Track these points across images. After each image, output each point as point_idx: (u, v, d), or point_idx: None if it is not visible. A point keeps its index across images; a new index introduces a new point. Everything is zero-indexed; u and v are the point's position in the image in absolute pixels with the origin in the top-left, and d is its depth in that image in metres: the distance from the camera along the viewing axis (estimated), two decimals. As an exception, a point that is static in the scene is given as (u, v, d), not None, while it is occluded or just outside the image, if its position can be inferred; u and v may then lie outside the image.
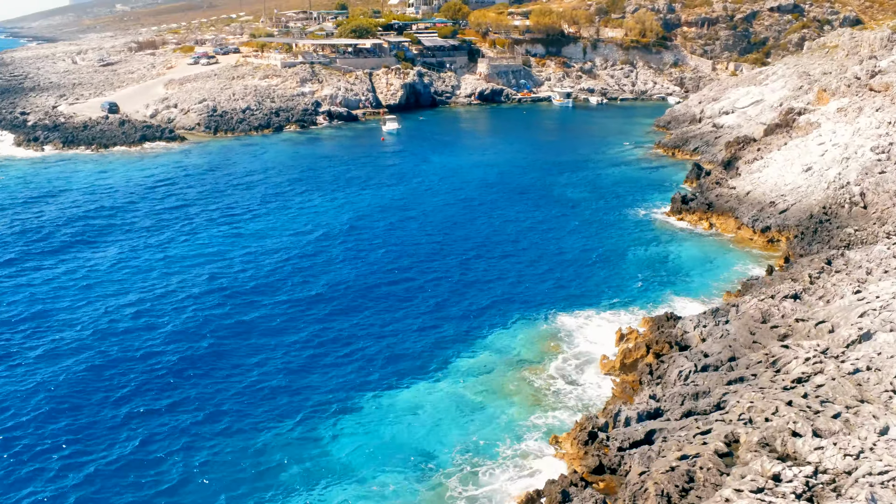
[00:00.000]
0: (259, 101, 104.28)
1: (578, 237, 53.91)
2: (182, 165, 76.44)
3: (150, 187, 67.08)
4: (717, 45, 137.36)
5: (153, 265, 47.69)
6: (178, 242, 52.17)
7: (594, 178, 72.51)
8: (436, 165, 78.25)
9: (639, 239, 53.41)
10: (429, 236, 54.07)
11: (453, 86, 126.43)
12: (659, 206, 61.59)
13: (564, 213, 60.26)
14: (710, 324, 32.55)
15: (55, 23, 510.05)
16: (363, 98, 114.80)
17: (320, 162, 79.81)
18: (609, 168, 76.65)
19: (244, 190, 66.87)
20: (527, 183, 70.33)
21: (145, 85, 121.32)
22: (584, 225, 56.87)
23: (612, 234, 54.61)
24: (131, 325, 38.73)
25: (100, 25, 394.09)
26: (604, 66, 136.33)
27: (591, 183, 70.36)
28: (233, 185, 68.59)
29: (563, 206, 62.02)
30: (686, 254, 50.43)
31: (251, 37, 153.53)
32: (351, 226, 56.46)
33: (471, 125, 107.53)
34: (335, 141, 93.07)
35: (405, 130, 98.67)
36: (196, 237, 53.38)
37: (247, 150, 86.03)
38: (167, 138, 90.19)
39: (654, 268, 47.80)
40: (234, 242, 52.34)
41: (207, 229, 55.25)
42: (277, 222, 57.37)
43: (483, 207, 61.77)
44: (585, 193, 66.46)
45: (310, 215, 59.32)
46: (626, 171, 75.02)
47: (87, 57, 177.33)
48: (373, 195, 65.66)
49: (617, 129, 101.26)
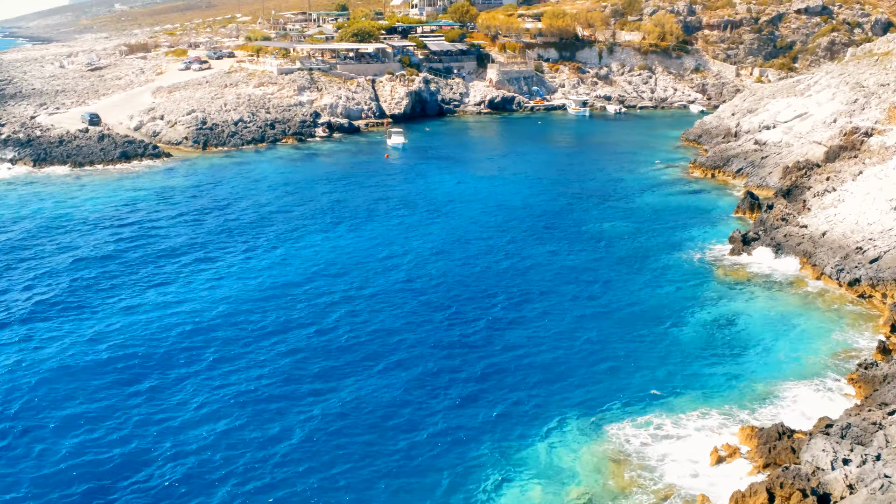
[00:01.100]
0: (253, 112, 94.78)
1: (622, 290, 44.53)
2: (161, 190, 66.91)
3: (119, 221, 57.42)
4: (740, 49, 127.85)
5: (102, 329, 38.34)
6: (141, 297, 42.83)
7: (628, 206, 63.11)
8: (446, 189, 68.80)
9: (698, 293, 44.05)
10: (441, 290, 44.63)
11: (461, 93, 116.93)
12: (711, 244, 52.21)
13: (600, 255, 50.83)
14: (853, 458, 23.28)
15: (53, 22, 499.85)
16: (366, 107, 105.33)
17: (317, 185, 70.35)
18: (642, 193, 67.27)
19: (227, 223, 57.28)
20: (551, 213, 60.91)
21: (132, 93, 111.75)
22: (627, 272, 47.48)
23: (662, 285, 45.26)
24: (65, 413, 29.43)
25: (97, 25, 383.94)
26: (620, 72, 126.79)
27: (626, 213, 60.98)
28: (215, 216, 59.00)
29: (598, 245, 52.60)
30: (761, 313, 41.09)
31: (247, 40, 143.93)
32: (346, 274, 47.06)
33: (482, 138, 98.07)
34: (335, 158, 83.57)
35: (411, 144, 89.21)
36: (165, 292, 43.95)
37: (236, 169, 76.54)
38: (150, 155, 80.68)
39: (726, 335, 38.46)
40: (208, 301, 42.95)
41: (176, 281, 45.83)
42: (260, 267, 47.86)
43: (503, 247, 52.27)
44: (621, 226, 57.09)
45: (298, 259, 49.74)
46: (662, 198, 65.65)
47: (77, 60, 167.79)
48: (374, 231, 56.11)
49: (642, 142, 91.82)
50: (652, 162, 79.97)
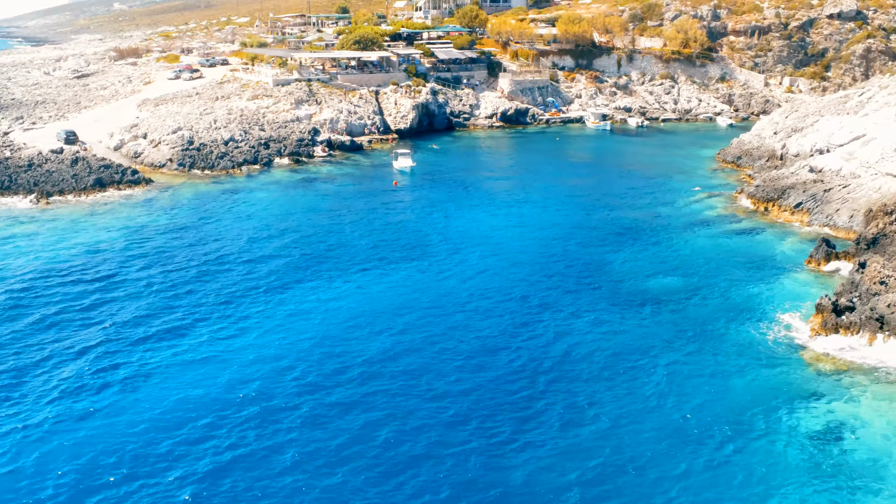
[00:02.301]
0: (245, 130, 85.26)
1: (688, 384, 35.07)
2: (134, 231, 57.42)
3: (74, 277, 48.00)
4: (769, 56, 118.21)
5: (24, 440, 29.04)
6: (83, 380, 33.50)
7: (671, 251, 53.61)
8: (459, 227, 59.32)
9: (782, 388, 34.52)
10: (459, 400, 35.30)
11: (471, 105, 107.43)
12: (787, 311, 42.73)
13: (649, 326, 41.23)
14: None
15: (51, 21, 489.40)
16: (369, 122, 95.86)
17: (314, 219, 60.98)
18: (685, 232, 57.82)
19: (206, 282, 47.84)
20: (583, 261, 51.40)
21: (116, 105, 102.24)
22: (687, 355, 37.95)
23: (735, 374, 35.73)
24: None
25: (93, 26, 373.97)
26: (641, 81, 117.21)
27: (670, 261, 51.51)
28: (192, 270, 49.50)
29: (643, 311, 43.02)
30: (875, 424, 31.76)
31: (242, 46, 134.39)
32: (332, 354, 37.75)
33: (496, 159, 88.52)
34: (336, 184, 74.11)
35: (419, 167, 79.67)
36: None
37: (224, 199, 67.13)
38: (128, 182, 71.16)
39: (834, 456, 29.17)
40: (163, 388, 33.63)
41: (129, 355, 36.51)
42: (234, 346, 38.50)
43: (533, 315, 42.84)
44: (667, 281, 47.58)
45: (282, 329, 40.41)
46: (711, 239, 56.18)
47: (64, 65, 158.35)
48: (377, 289, 46.65)
49: (674, 164, 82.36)
50: (690, 190, 70.54)
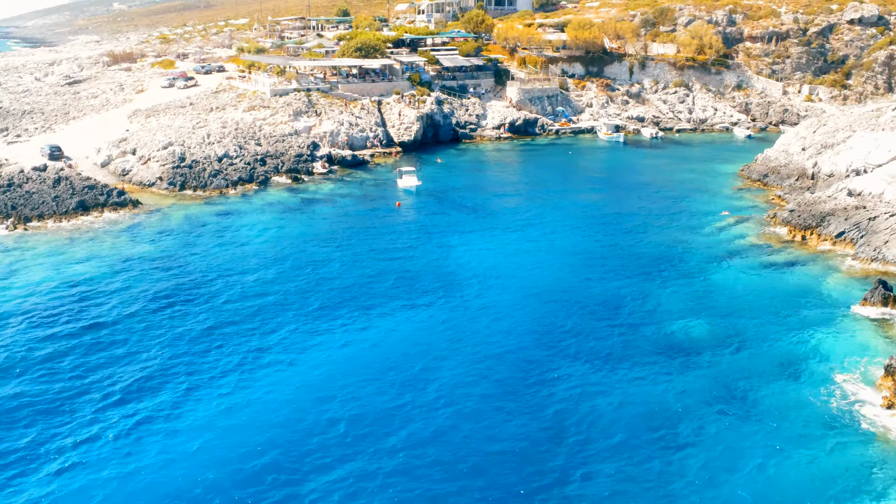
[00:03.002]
0: (240, 145, 79.97)
1: (734, 472, 29.93)
2: (117, 264, 52.20)
3: (44, 322, 42.84)
4: (787, 63, 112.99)
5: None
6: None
7: (701, 288, 48.17)
8: (467, 258, 53.97)
9: (852, 474, 29.49)
10: (460, 455, 30.17)
11: (478, 115, 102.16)
12: (843, 369, 37.49)
13: (680, 384, 35.98)
14: None
15: (50, 21, 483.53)
16: (371, 134, 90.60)
17: (312, 249, 55.71)
18: (717, 265, 52.45)
19: (188, 327, 42.64)
20: (601, 300, 46.10)
21: (106, 116, 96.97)
22: (728, 428, 32.56)
23: (793, 455, 30.55)
24: None
25: (92, 26, 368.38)
26: (654, 89, 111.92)
27: (700, 301, 45.97)
28: (177, 313, 44.31)
29: (672, 365, 37.80)
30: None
31: (239, 51, 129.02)
32: (303, 436, 32.57)
33: (504, 175, 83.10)
34: (337, 205, 68.84)
35: (425, 185, 74.35)
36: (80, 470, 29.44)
37: (217, 224, 61.91)
38: (114, 204, 65.90)
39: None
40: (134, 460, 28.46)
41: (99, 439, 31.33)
42: (208, 413, 33.37)
43: (542, 364, 37.66)
44: (700, 328, 42.11)
45: (250, 406, 35.27)
46: (745, 274, 50.81)
47: (57, 70, 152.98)
48: (377, 337, 41.48)
49: (695, 181, 77.15)
50: (717, 213, 65.29)
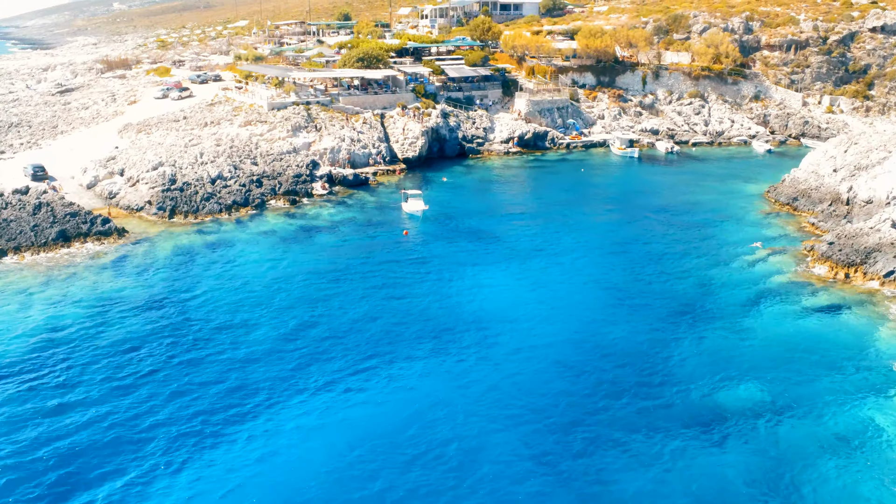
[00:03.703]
0: (235, 165, 74.86)
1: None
2: (97, 304, 47.20)
3: (11, 381, 37.85)
4: (806, 73, 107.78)
5: None
6: None
7: (739, 342, 42.96)
8: (476, 299, 48.85)
9: None
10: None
11: (486, 128, 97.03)
12: (921, 448, 32.71)
13: (729, 474, 31.05)
14: None
15: (50, 21, 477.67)
16: (374, 151, 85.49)
17: (309, 289, 50.60)
18: (752, 312, 47.11)
19: (173, 389, 37.65)
20: (627, 356, 41.13)
21: (96, 130, 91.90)
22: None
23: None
24: None
25: (91, 27, 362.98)
26: (668, 100, 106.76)
27: (741, 361, 40.58)
28: (156, 363, 39.37)
29: (712, 436, 32.94)
30: None
31: (236, 59, 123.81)
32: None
33: (514, 196, 77.69)
34: (337, 233, 63.72)
35: (431, 209, 69.18)
36: None
37: (208, 257, 56.83)
38: (98, 233, 60.81)
39: None
40: None
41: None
42: None
43: (564, 452, 32.64)
44: (740, 394, 37.13)
45: (240, 482, 30.28)
46: (786, 324, 45.51)
47: (51, 76, 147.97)
48: (376, 401, 36.53)
49: (718, 204, 72.06)
50: (747, 244, 60.21)
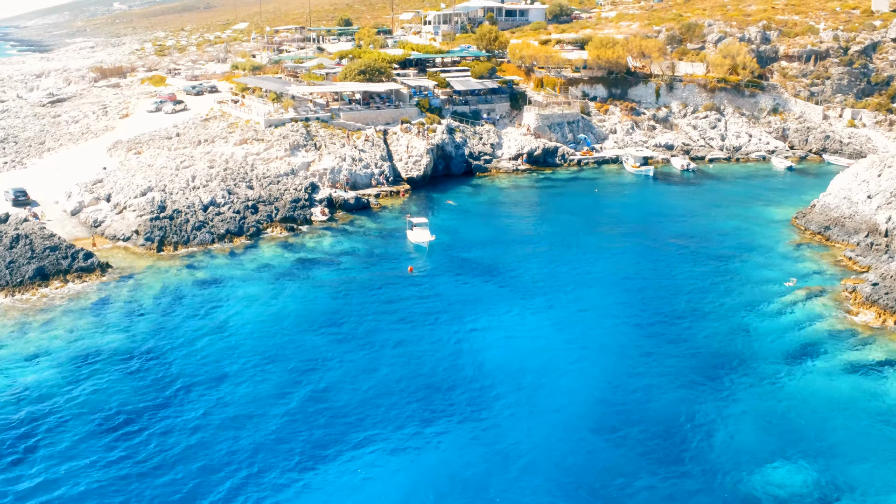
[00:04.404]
0: (230, 189, 70.03)
1: None
2: (73, 358, 42.40)
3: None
4: (826, 85, 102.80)
5: None
6: None
7: (781, 407, 38.28)
8: (489, 353, 44.32)
9: None
10: None
11: (493, 144, 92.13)
12: None
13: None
14: None
15: (50, 21, 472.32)
16: (376, 171, 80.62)
17: (304, 339, 45.84)
18: (793, 369, 42.41)
19: (145, 460, 32.99)
20: (655, 426, 36.44)
21: (84, 147, 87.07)
22: None
23: None
24: None
25: (90, 28, 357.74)
26: (682, 113, 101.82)
27: (784, 431, 36.13)
28: (130, 438, 34.59)
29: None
30: None
31: (233, 68, 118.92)
32: None
33: (524, 222, 72.45)
34: (337, 268, 58.84)
35: (438, 239, 64.32)
36: None
37: (196, 299, 51.98)
38: (79, 270, 55.99)
39: None
40: None
41: None
42: None
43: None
44: (787, 479, 32.58)
45: None
46: (833, 385, 40.74)
47: (43, 84, 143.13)
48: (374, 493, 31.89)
49: (741, 231, 67.15)
50: (779, 282, 55.41)
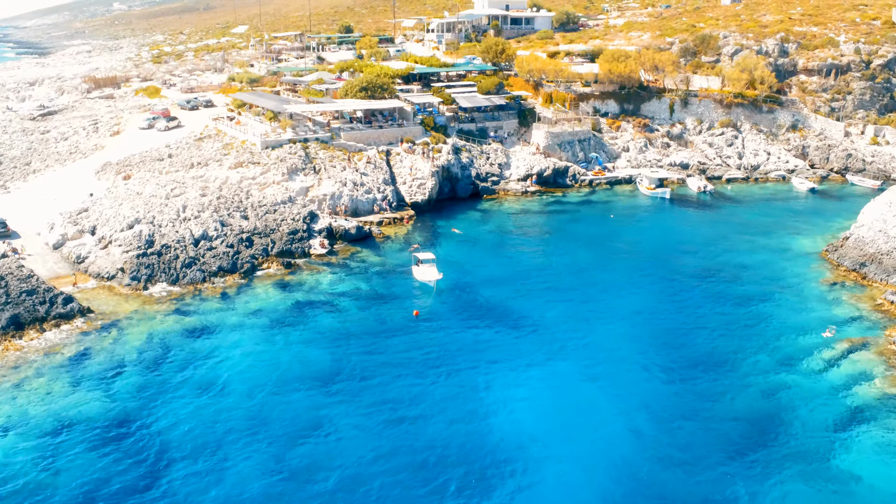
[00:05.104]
0: (223, 220, 65.42)
1: None
2: (46, 432, 37.87)
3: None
4: (847, 100, 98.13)
5: None
6: None
7: (843, 500, 34.19)
8: (501, 418, 39.86)
9: None
10: None
11: (501, 164, 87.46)
12: None
13: None
14: None
15: (49, 22, 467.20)
16: (379, 196, 75.95)
17: (300, 400, 41.29)
18: (845, 444, 38.00)
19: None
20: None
21: (72, 168, 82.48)
22: None
23: None
24: None
25: (89, 29, 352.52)
26: (698, 130, 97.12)
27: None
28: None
29: None
30: None
31: (230, 81, 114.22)
32: None
33: (535, 255, 67.33)
34: (338, 312, 54.09)
35: (445, 272, 59.78)
36: None
37: (183, 349, 47.35)
38: (58, 317, 51.33)
39: None
40: None
41: None
42: None
43: None
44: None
45: None
46: (890, 466, 36.71)
47: (36, 93, 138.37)
48: None
49: (769, 269, 62.43)
50: (816, 331, 50.74)
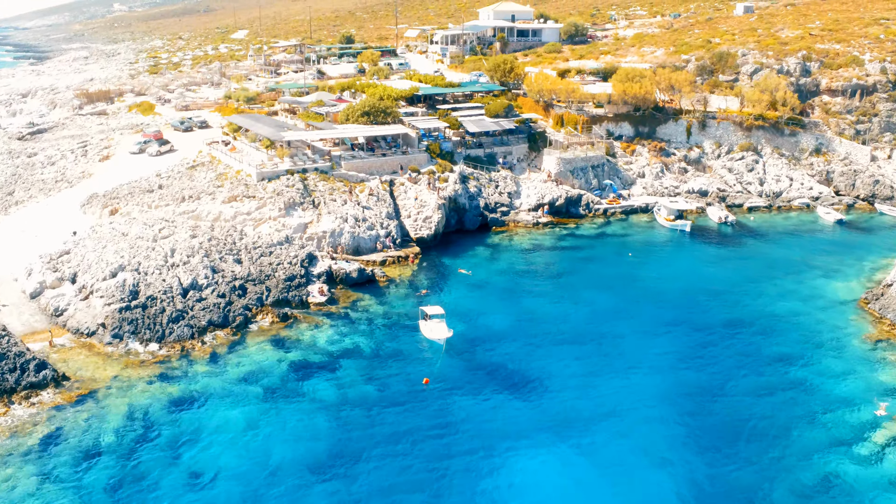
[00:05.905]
0: (214, 266, 60.35)
1: None
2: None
3: None
4: (874, 123, 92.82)
5: None
6: None
7: None
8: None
9: None
10: None
11: (510, 193, 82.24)
12: None
13: None
14: None
15: (49, 22, 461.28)
16: (382, 232, 70.82)
17: (287, 496, 36.56)
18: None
19: None
20: None
21: (57, 199, 77.48)
22: None
23: None
24: None
25: (88, 31, 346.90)
26: (716, 154, 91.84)
27: None
28: None
29: None
30: None
31: (226, 98, 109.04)
32: None
33: (549, 302, 61.42)
34: (339, 376, 48.91)
35: (454, 325, 54.56)
36: None
37: (167, 427, 42.21)
38: (29, 386, 46.23)
39: None
40: None
41: None
42: None
43: None
44: None
45: None
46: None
47: (27, 108, 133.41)
48: None
49: (801, 320, 57.20)
50: (862, 404, 45.62)
